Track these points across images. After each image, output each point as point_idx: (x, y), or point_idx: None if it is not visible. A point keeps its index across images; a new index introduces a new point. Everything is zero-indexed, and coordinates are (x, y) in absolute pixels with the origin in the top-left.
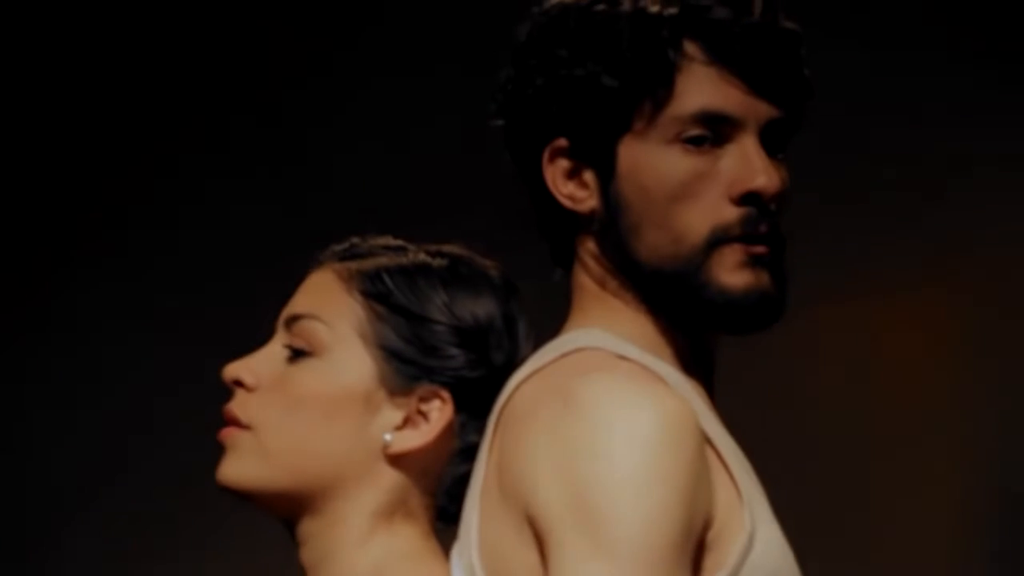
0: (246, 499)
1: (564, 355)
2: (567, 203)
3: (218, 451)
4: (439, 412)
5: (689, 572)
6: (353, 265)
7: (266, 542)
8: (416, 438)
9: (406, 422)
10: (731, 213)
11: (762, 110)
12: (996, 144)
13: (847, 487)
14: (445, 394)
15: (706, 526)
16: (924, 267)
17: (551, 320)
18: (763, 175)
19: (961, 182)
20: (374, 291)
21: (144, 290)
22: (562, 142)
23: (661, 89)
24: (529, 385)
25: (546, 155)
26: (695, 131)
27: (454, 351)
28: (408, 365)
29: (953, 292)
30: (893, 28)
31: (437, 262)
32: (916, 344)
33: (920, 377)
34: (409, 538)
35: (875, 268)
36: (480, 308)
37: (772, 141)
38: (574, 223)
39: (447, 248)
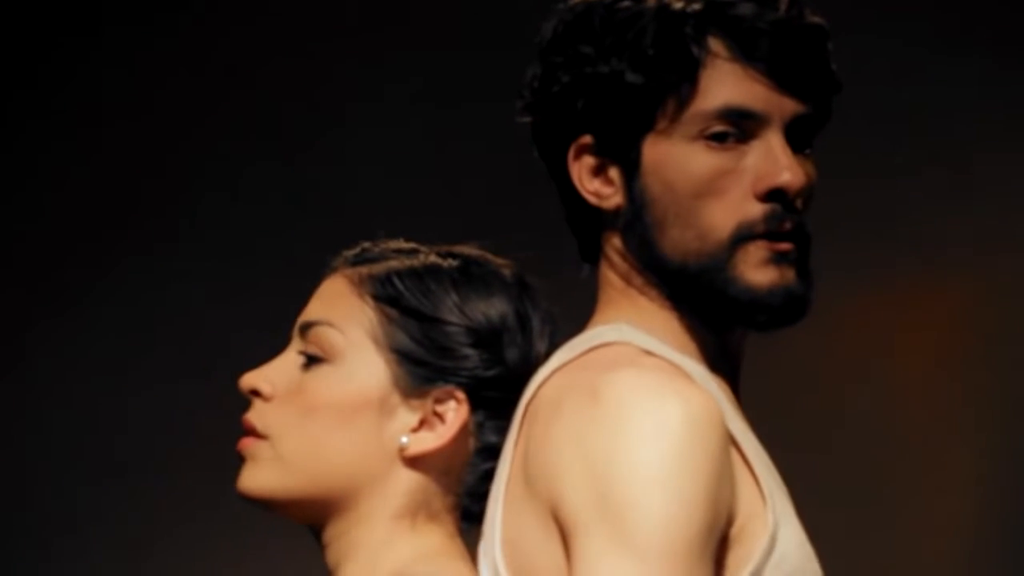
0: (268, 508)
1: (591, 350)
2: (593, 200)
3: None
4: (455, 413)
5: (711, 567)
6: (364, 270)
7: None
8: (432, 439)
9: (422, 424)
10: (756, 210)
11: (787, 106)
12: (1010, 142)
13: (863, 486)
14: (460, 394)
15: (729, 522)
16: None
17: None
18: (788, 171)
19: (974, 180)
20: (385, 295)
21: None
22: (587, 139)
23: (685, 85)
24: (556, 380)
25: (572, 152)
26: (719, 127)
27: (467, 351)
28: (422, 367)
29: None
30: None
31: (448, 263)
32: (930, 342)
33: (934, 375)
34: (434, 539)
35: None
36: (492, 307)
37: (798, 137)
38: (600, 219)
39: (459, 249)
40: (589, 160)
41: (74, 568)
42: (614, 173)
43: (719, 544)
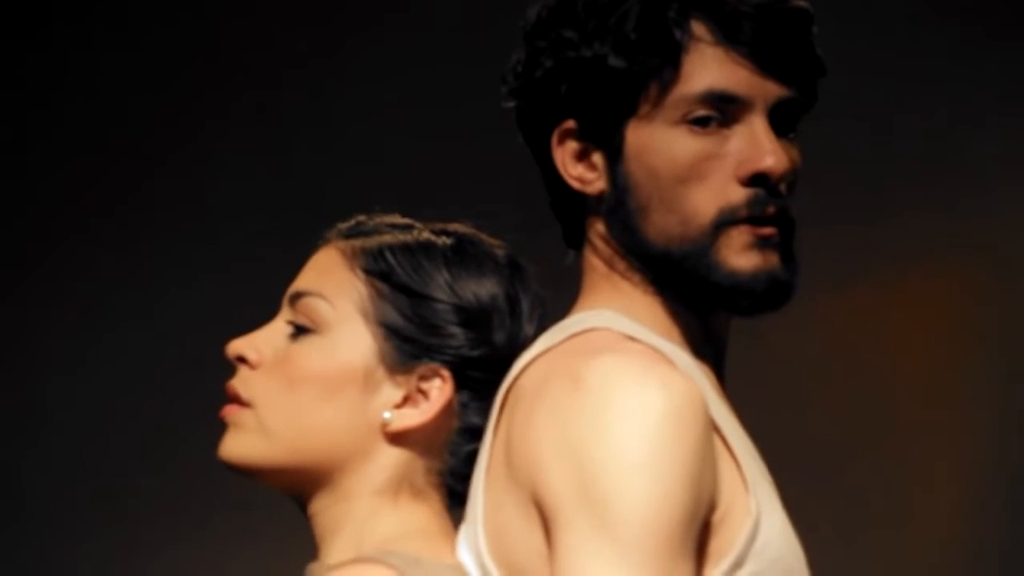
0: (249, 475)
1: (573, 336)
2: (576, 185)
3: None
4: (439, 391)
5: (693, 555)
6: (357, 243)
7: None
8: (415, 416)
9: (406, 400)
10: (738, 194)
11: (771, 90)
12: (999, 129)
13: (853, 474)
14: (445, 373)
15: (711, 509)
16: (928, 252)
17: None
18: (771, 156)
19: (965, 163)
20: (376, 269)
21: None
22: (571, 124)
23: (668, 69)
24: (538, 365)
25: (555, 137)
26: (702, 112)
27: (455, 330)
28: (409, 343)
29: (958, 277)
30: (895, 19)
31: (441, 240)
32: (920, 330)
33: (925, 362)
34: (417, 515)
35: (878, 253)
36: (483, 288)
37: (782, 121)
38: (584, 205)
39: (453, 227)
40: (572, 145)
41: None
42: (597, 158)
43: (701, 531)
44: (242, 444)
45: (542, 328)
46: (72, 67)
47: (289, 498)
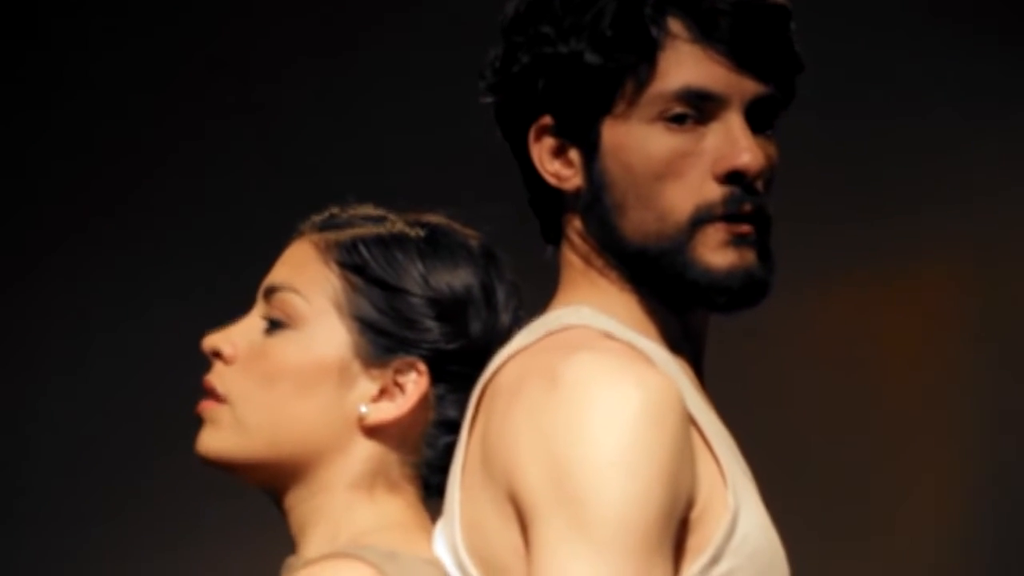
0: (226, 470)
1: (551, 333)
2: (553, 181)
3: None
4: (415, 384)
5: (671, 553)
6: (331, 235)
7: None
8: (392, 410)
9: (382, 394)
10: (714, 192)
11: (747, 87)
12: (995, 123)
13: (840, 472)
14: (421, 366)
15: (688, 506)
16: (922, 250)
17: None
18: (747, 153)
19: (958, 161)
20: (350, 262)
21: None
22: (547, 120)
23: (644, 67)
24: (515, 363)
25: (532, 133)
26: (678, 109)
27: (430, 323)
28: (384, 337)
29: (951, 274)
30: (892, 17)
31: (415, 232)
32: (914, 327)
33: (918, 359)
34: (393, 509)
35: (872, 251)
36: (457, 279)
37: (759, 118)
38: (561, 201)
39: (427, 218)
40: (549, 141)
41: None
42: (574, 155)
43: (680, 528)
44: (218, 439)
45: (518, 319)
46: (70, 65)
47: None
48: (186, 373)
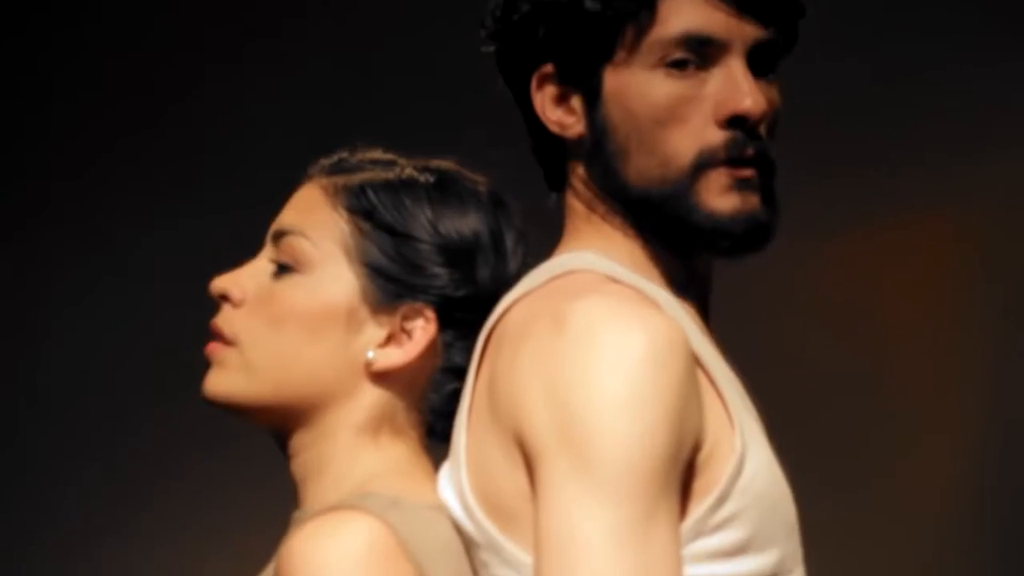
0: (232, 412)
1: (555, 277)
2: (555, 128)
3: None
4: (422, 330)
5: (677, 495)
6: (339, 180)
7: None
8: (399, 356)
9: (389, 339)
10: (717, 136)
11: (748, 31)
12: (1002, 70)
13: (846, 424)
14: (429, 312)
15: (695, 448)
16: (927, 202)
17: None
18: (749, 97)
19: (966, 109)
20: (358, 207)
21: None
22: (549, 68)
23: (644, 13)
24: (520, 307)
25: (534, 81)
26: (678, 54)
27: (438, 269)
28: (391, 283)
29: (957, 226)
30: None
31: (424, 177)
32: (919, 279)
33: (924, 311)
34: (397, 454)
35: (879, 199)
36: (466, 225)
37: (761, 63)
38: (564, 148)
39: (436, 163)
40: (551, 89)
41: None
42: (576, 102)
43: (687, 471)
44: (225, 381)
45: (526, 265)
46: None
47: (271, 436)
48: (193, 316)
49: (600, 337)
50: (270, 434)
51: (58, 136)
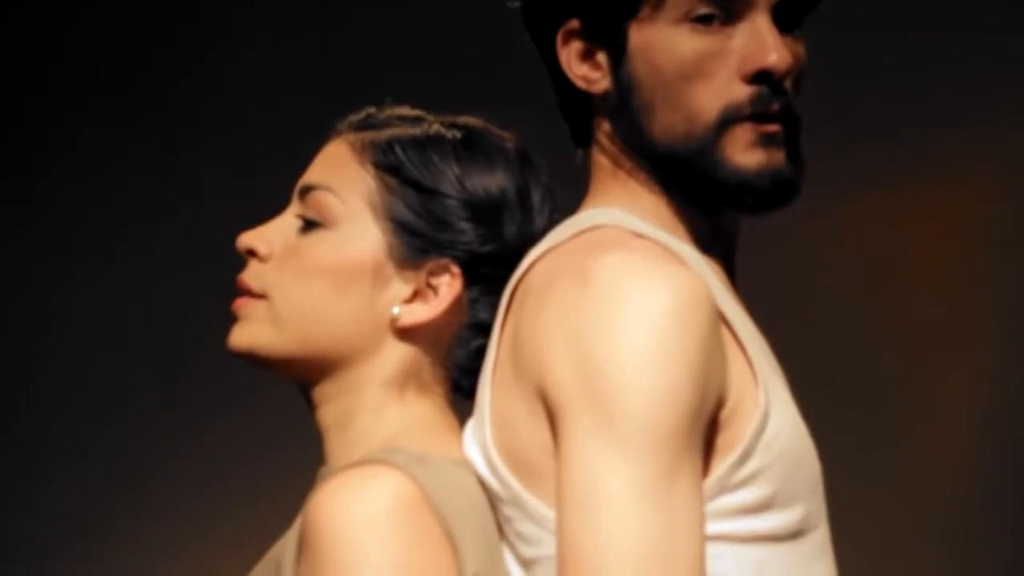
0: (256, 364)
1: (580, 233)
2: (581, 84)
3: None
4: (448, 287)
5: (700, 451)
6: (367, 136)
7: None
8: (425, 312)
9: (415, 295)
10: (742, 92)
11: None
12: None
13: (868, 384)
14: (455, 268)
15: (719, 404)
16: (949, 163)
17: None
18: (774, 52)
19: (987, 76)
20: (386, 163)
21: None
22: (575, 23)
23: None
24: (545, 262)
25: (560, 36)
26: (704, 9)
27: (465, 225)
28: (418, 238)
29: (979, 187)
30: None
31: (451, 134)
32: (937, 239)
33: (945, 271)
34: (423, 410)
35: (901, 164)
36: (493, 182)
37: (787, 18)
38: (590, 104)
39: (463, 119)
40: (577, 45)
41: None
42: (601, 57)
43: (710, 427)
44: (251, 333)
45: (552, 221)
46: None
47: (297, 389)
48: (220, 272)
49: (624, 292)
50: (296, 386)
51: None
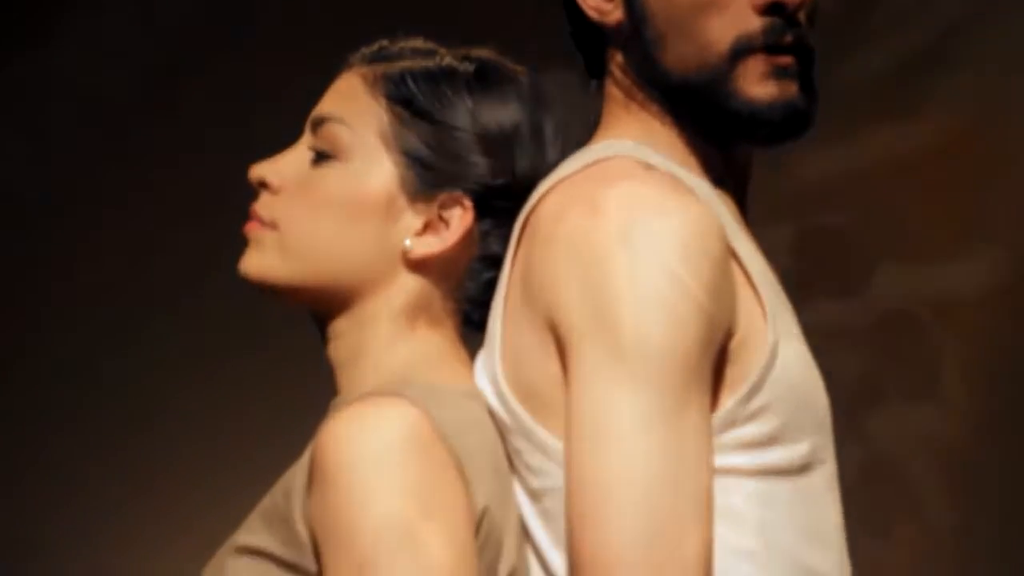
0: (267, 292)
1: (591, 164)
2: (594, 15)
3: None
4: (460, 219)
5: (709, 384)
6: (379, 68)
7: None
8: (436, 244)
9: (427, 228)
10: (755, 23)
11: None
12: None
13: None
14: (467, 201)
15: (728, 337)
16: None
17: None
18: None
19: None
20: (398, 95)
21: None
22: None
23: None
24: (555, 194)
25: None
26: None
27: (477, 158)
28: (430, 171)
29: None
30: None
31: (464, 67)
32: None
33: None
34: (434, 342)
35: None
36: (506, 115)
37: None
38: (602, 35)
39: (476, 52)
40: None
41: None
42: None
43: (719, 359)
44: (262, 262)
45: (565, 155)
46: None
47: (311, 320)
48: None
49: (634, 222)
50: (309, 316)
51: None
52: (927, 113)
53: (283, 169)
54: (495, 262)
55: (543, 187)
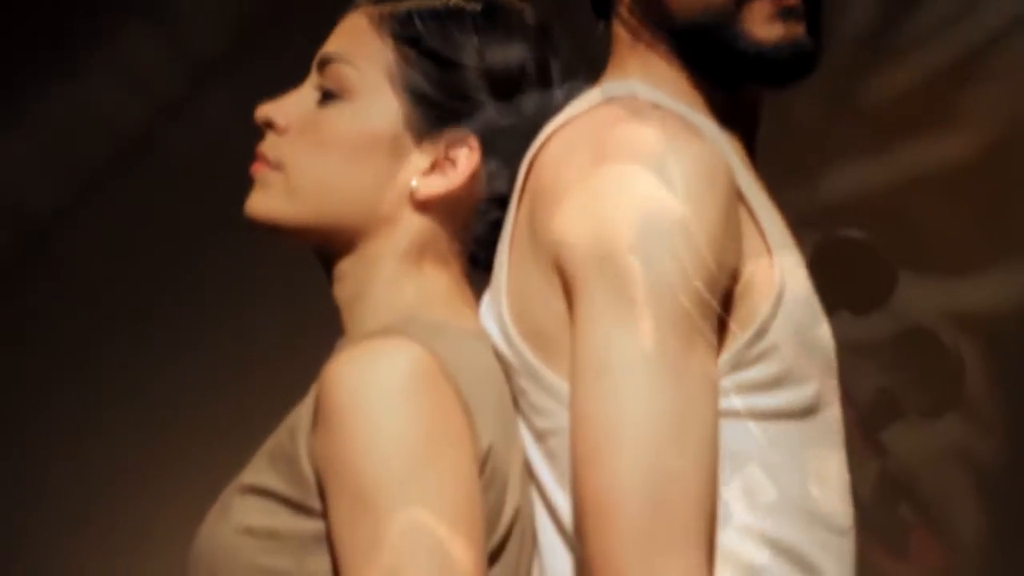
0: (273, 233)
1: (598, 105)
2: None
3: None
4: (466, 158)
5: (714, 325)
6: (386, 8)
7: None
8: (443, 184)
9: (433, 167)
10: None
11: None
12: None
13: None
14: (473, 141)
15: (734, 278)
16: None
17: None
18: None
19: None
20: (404, 34)
21: None
22: None
23: None
24: (562, 134)
25: None
26: None
27: (483, 98)
28: (436, 110)
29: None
30: None
31: (471, 6)
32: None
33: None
34: (439, 282)
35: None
36: (512, 54)
37: None
38: None
39: None
40: None
41: None
42: None
43: (725, 299)
44: (268, 202)
45: (571, 95)
46: None
47: (318, 260)
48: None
49: (641, 162)
50: (315, 255)
51: None
52: (955, 127)
53: (289, 109)
54: (501, 202)
55: (550, 128)
